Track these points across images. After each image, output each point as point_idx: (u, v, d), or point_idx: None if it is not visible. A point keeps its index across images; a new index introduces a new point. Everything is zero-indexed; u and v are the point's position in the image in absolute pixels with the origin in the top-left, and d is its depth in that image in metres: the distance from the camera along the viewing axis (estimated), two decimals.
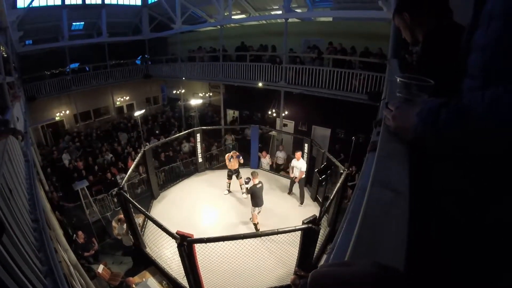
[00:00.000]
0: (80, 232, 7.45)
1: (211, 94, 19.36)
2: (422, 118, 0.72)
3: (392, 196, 0.63)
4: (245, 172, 9.05)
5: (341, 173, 6.90)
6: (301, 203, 8.51)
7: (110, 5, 15.93)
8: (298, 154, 8.62)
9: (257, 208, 7.28)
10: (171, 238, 4.94)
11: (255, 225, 7.40)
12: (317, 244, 5.64)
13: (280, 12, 12.10)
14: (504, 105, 0.54)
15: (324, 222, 7.08)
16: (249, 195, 7.37)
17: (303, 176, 8.48)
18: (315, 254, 5.74)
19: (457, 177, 0.78)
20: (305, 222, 4.94)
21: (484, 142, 0.61)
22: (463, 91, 0.78)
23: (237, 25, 15.91)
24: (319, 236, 5.38)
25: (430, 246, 0.86)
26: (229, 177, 9.00)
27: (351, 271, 0.36)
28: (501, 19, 0.62)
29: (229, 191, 9.14)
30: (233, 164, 8.75)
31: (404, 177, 0.71)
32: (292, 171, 8.72)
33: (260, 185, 7.20)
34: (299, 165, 8.45)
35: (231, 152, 8.97)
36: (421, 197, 0.80)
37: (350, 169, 8.68)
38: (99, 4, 15.48)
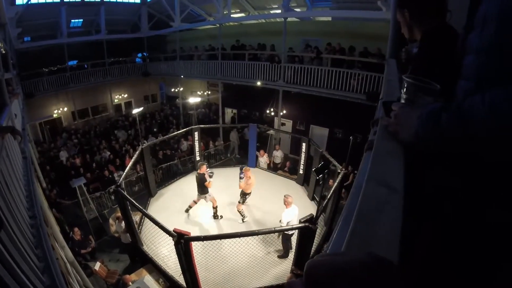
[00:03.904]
0: (76, 229, 7.45)
1: (209, 92, 19.33)
2: (422, 122, 0.72)
3: (387, 192, 0.64)
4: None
5: (339, 173, 6.93)
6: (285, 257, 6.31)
7: (109, 3, 15.86)
8: (290, 199, 6.28)
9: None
10: (168, 236, 4.94)
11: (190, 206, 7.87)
12: (314, 243, 5.67)
13: (279, 11, 12.08)
14: (505, 110, 0.54)
15: (321, 222, 7.10)
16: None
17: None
18: (311, 253, 5.77)
19: (452, 175, 0.79)
20: (302, 221, 4.96)
21: (485, 147, 0.60)
22: (458, 91, 0.80)
23: (236, 23, 15.89)
24: (316, 235, 5.40)
25: (427, 242, 0.87)
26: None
27: (345, 259, 0.38)
28: (495, 22, 0.63)
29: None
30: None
31: (399, 174, 0.72)
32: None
33: (197, 175, 7.56)
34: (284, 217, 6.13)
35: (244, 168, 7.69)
36: (417, 195, 0.81)
37: (347, 169, 8.58)
38: (98, 1, 15.41)
